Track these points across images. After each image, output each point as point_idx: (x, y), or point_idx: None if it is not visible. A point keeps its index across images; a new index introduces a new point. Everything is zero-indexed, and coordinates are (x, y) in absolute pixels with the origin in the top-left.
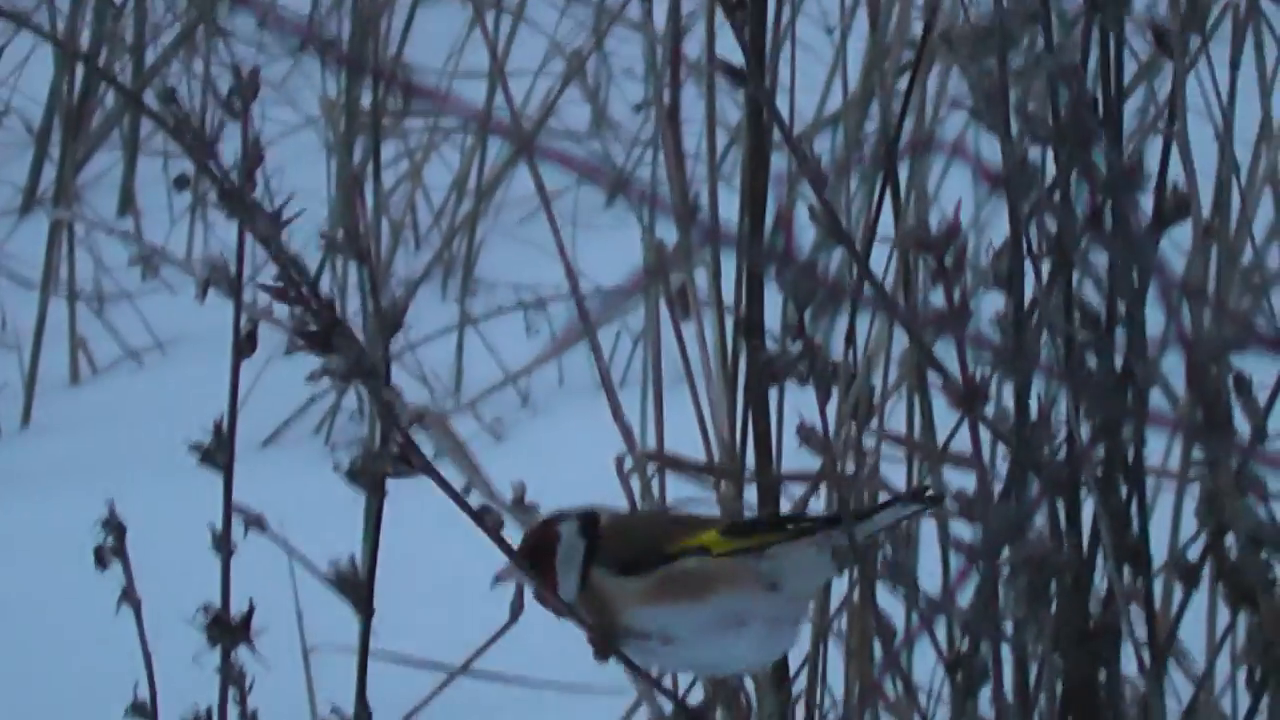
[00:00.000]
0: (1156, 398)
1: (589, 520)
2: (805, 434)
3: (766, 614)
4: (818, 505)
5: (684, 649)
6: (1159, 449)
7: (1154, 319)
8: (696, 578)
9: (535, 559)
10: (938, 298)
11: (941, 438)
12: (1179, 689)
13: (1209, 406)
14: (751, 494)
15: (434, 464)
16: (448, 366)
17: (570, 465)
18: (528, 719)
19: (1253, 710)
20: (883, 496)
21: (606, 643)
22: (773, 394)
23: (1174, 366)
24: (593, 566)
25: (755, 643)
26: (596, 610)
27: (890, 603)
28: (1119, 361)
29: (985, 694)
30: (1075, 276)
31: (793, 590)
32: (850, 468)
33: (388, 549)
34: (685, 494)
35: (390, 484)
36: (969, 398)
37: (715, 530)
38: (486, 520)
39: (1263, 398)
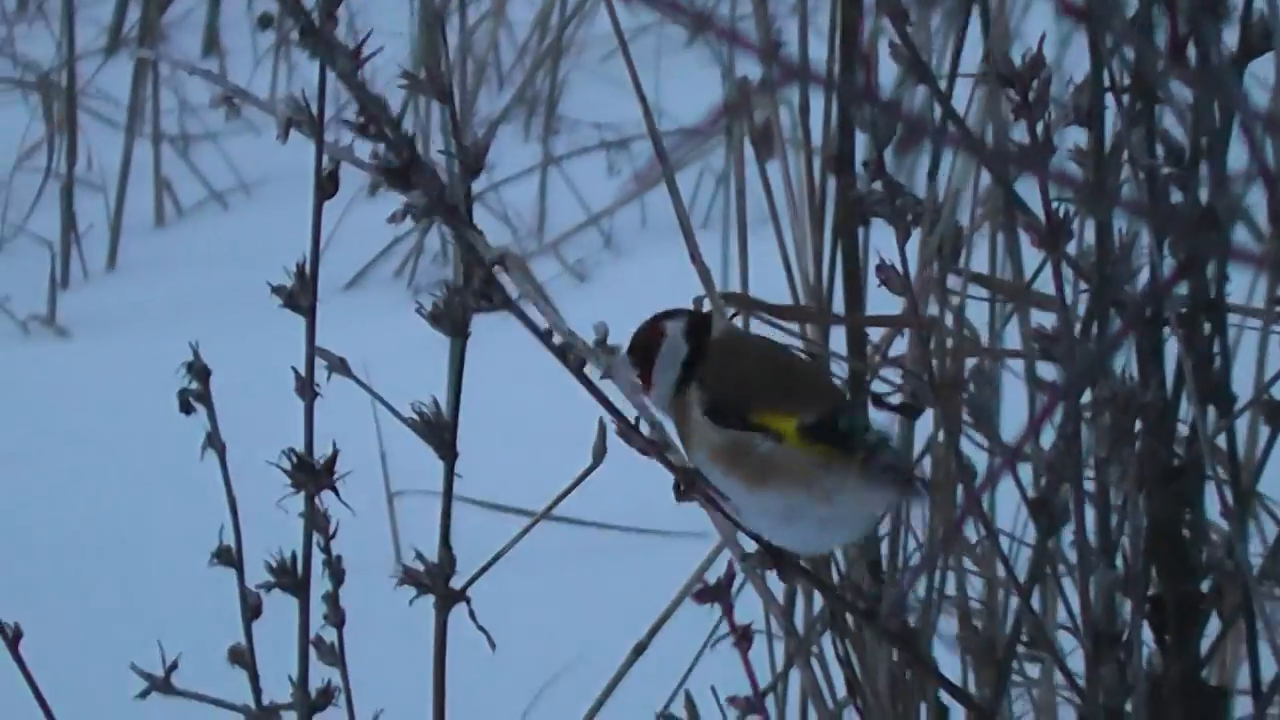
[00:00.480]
0: (1240, 234)
1: (700, 324)
2: (885, 274)
3: (817, 516)
4: (901, 347)
5: (742, 516)
6: (1243, 286)
7: (1238, 153)
8: (761, 460)
9: (639, 356)
10: (1021, 134)
11: (1026, 276)
12: (1264, 530)
13: None
14: (836, 337)
15: (516, 302)
16: (530, 206)
17: (653, 307)
18: (611, 563)
19: None
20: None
21: (689, 487)
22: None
23: (1258, 201)
24: (691, 381)
25: (802, 537)
26: (678, 422)
27: (972, 445)
28: (1203, 197)
29: (1067, 536)
30: (1157, 110)
31: (844, 510)
32: (933, 309)
33: (470, 393)
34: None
35: (473, 327)
36: (1051, 235)
37: (794, 422)
38: (569, 358)
39: None
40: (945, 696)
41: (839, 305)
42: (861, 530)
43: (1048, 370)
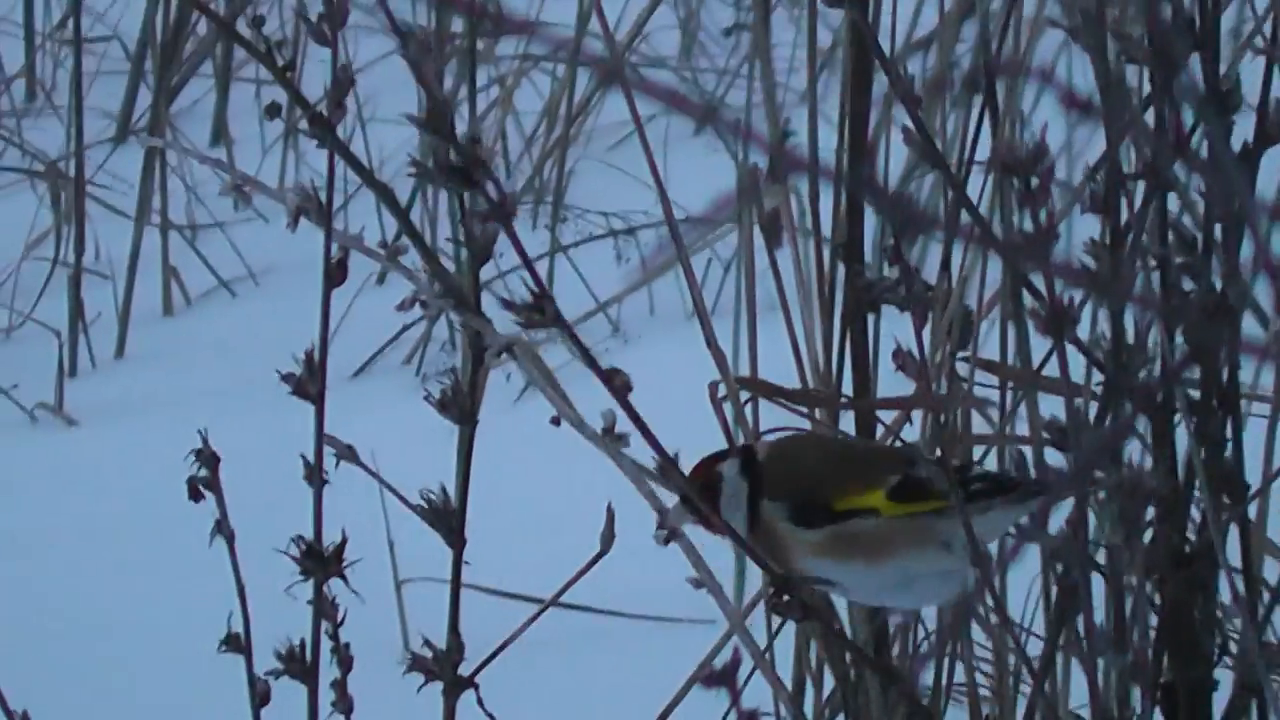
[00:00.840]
0: (1248, 324)
1: (748, 456)
2: (902, 359)
3: (938, 569)
4: (912, 433)
5: (856, 595)
6: (1247, 374)
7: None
8: (871, 539)
9: (705, 501)
10: (1027, 222)
11: (1036, 364)
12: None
13: None
14: (846, 421)
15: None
16: None
17: (662, 394)
18: (620, 650)
19: None
20: (976, 424)
21: (785, 588)
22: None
23: (1261, 291)
24: (762, 502)
25: (926, 593)
26: (768, 547)
27: None
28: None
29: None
30: (1168, 200)
31: (964, 553)
32: (944, 393)
33: (479, 480)
34: (778, 421)
35: (481, 415)
36: (1057, 321)
37: (882, 491)
38: (615, 381)
39: None
40: None
41: (848, 391)
42: (964, 580)
43: (1057, 459)
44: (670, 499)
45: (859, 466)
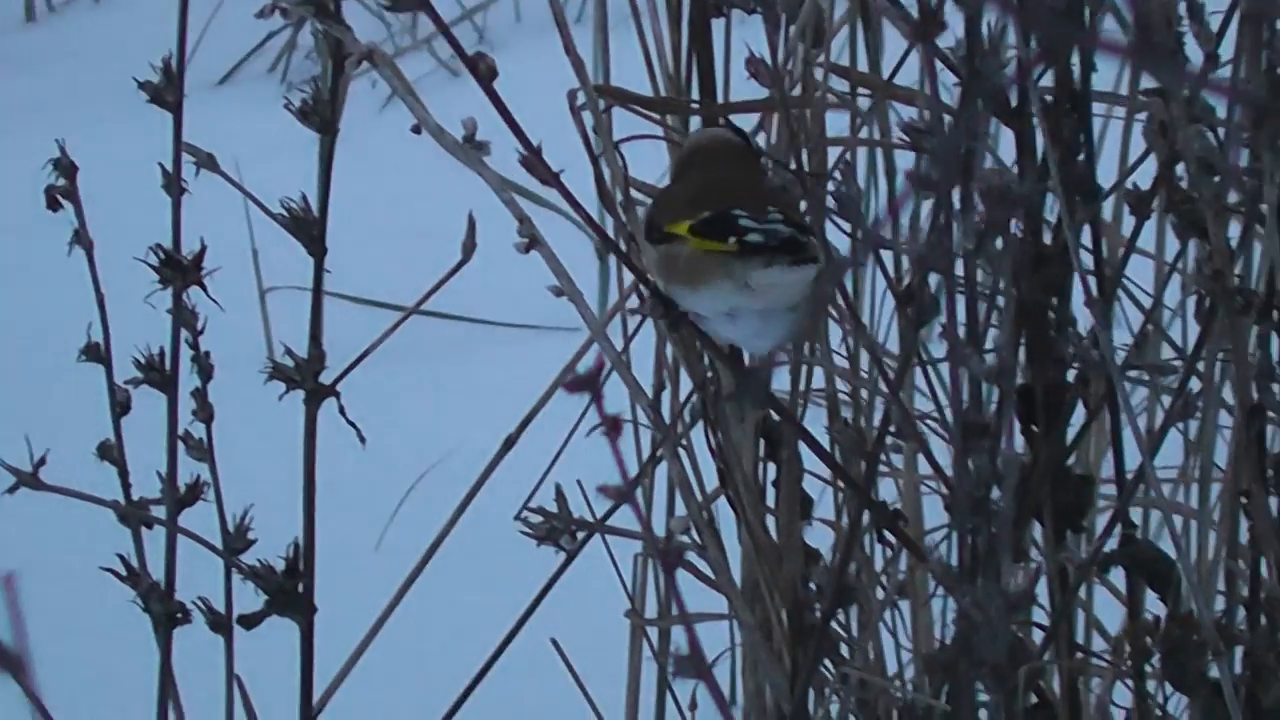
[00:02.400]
0: (1109, 24)
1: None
2: (754, 66)
3: (751, 308)
4: (767, 139)
5: (701, 323)
6: (1110, 77)
7: None
8: (686, 264)
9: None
10: None
11: (888, 69)
12: (1129, 319)
13: (1155, 32)
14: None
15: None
16: None
17: (526, 103)
18: (483, 358)
19: (1202, 339)
20: (830, 128)
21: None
22: (721, 27)
23: None
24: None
25: (753, 329)
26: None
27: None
28: None
29: (936, 329)
30: None
31: (768, 296)
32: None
33: (342, 189)
34: (636, 129)
35: (345, 123)
36: (923, 26)
37: (688, 223)
38: (480, 66)
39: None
40: (809, 486)
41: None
42: (795, 319)
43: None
44: (529, 206)
45: (705, 199)
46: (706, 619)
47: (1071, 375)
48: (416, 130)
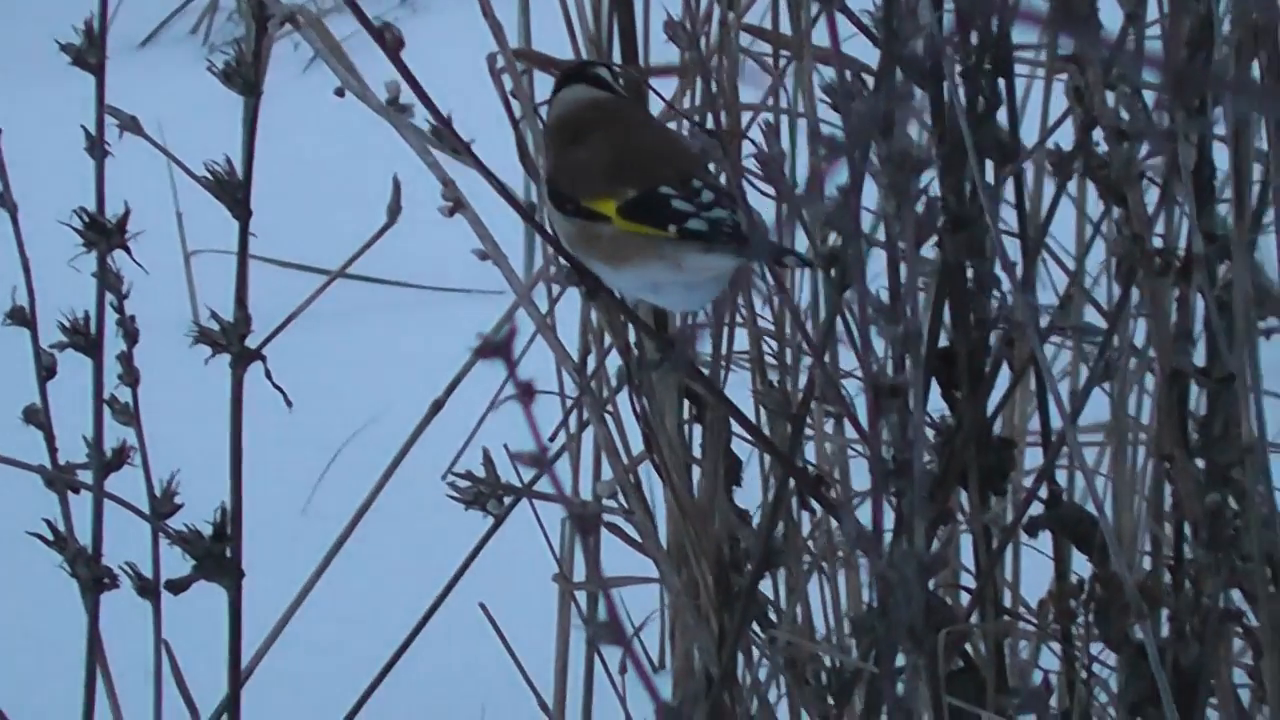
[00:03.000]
0: None
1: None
2: (672, 29)
3: (678, 282)
4: (686, 102)
5: (612, 287)
6: (1030, 38)
7: None
8: (609, 244)
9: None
10: None
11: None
12: (1054, 280)
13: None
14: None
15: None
16: None
17: (449, 65)
18: (409, 321)
19: (1123, 300)
20: (743, 93)
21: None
22: None
23: None
24: (551, 157)
25: (676, 298)
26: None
27: (763, 199)
28: None
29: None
30: None
31: (696, 275)
32: (715, 62)
33: (266, 151)
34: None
35: (266, 85)
36: None
37: (615, 204)
38: (386, 35)
39: None
40: (738, 448)
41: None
42: (719, 288)
43: (832, 126)
44: (454, 169)
45: (621, 168)
46: (633, 583)
47: (996, 338)
48: (340, 93)
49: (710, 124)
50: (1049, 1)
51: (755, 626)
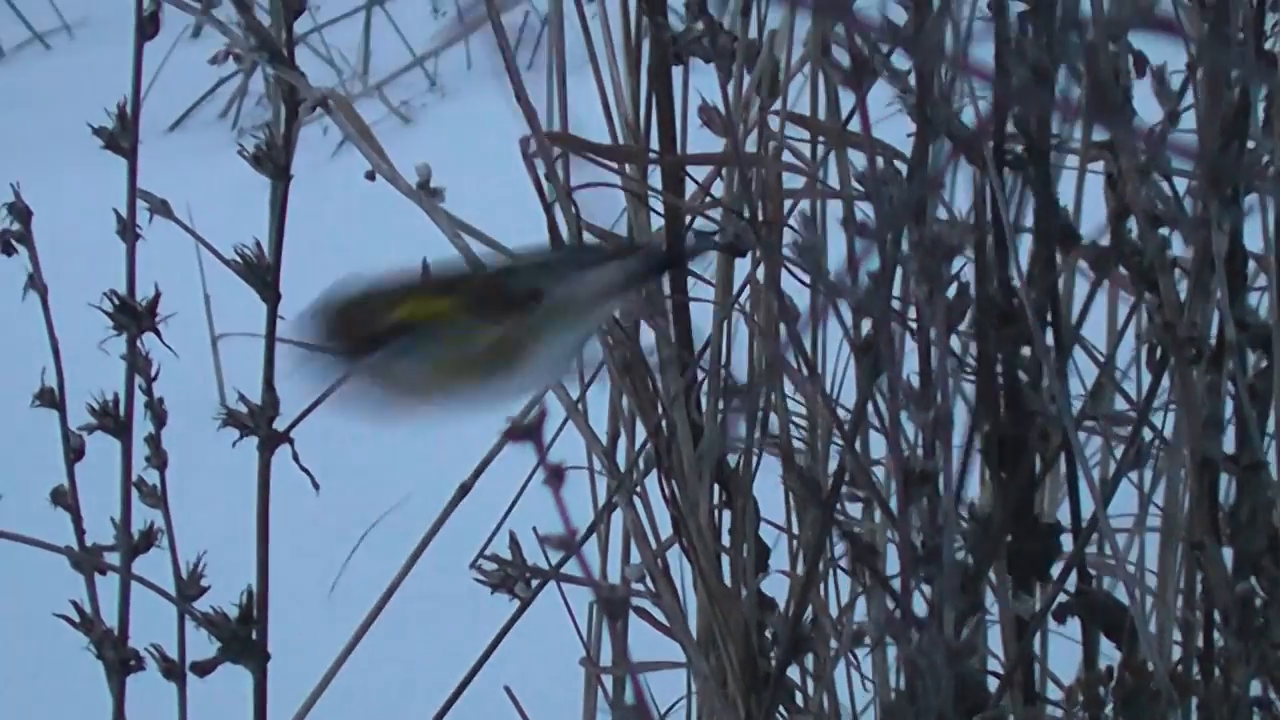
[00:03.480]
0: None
1: None
2: (707, 114)
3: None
4: (726, 189)
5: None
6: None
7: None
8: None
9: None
10: None
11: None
12: (1080, 370)
13: (1108, 88)
14: (655, 177)
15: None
16: (355, 48)
17: (479, 149)
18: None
19: (1154, 387)
20: (787, 180)
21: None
22: (678, 75)
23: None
24: None
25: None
26: None
27: (797, 286)
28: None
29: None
30: None
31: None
32: (754, 148)
33: (295, 234)
34: (591, 178)
35: (296, 169)
36: (856, 74)
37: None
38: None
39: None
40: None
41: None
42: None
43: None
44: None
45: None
46: (660, 667)
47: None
48: (371, 176)
49: (747, 212)
50: (1084, 91)
51: (782, 712)
